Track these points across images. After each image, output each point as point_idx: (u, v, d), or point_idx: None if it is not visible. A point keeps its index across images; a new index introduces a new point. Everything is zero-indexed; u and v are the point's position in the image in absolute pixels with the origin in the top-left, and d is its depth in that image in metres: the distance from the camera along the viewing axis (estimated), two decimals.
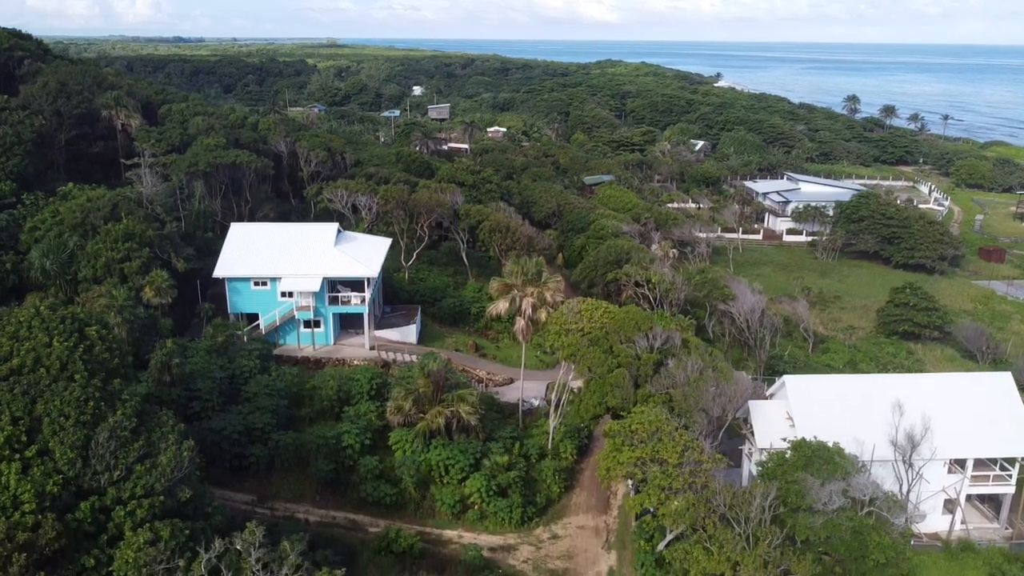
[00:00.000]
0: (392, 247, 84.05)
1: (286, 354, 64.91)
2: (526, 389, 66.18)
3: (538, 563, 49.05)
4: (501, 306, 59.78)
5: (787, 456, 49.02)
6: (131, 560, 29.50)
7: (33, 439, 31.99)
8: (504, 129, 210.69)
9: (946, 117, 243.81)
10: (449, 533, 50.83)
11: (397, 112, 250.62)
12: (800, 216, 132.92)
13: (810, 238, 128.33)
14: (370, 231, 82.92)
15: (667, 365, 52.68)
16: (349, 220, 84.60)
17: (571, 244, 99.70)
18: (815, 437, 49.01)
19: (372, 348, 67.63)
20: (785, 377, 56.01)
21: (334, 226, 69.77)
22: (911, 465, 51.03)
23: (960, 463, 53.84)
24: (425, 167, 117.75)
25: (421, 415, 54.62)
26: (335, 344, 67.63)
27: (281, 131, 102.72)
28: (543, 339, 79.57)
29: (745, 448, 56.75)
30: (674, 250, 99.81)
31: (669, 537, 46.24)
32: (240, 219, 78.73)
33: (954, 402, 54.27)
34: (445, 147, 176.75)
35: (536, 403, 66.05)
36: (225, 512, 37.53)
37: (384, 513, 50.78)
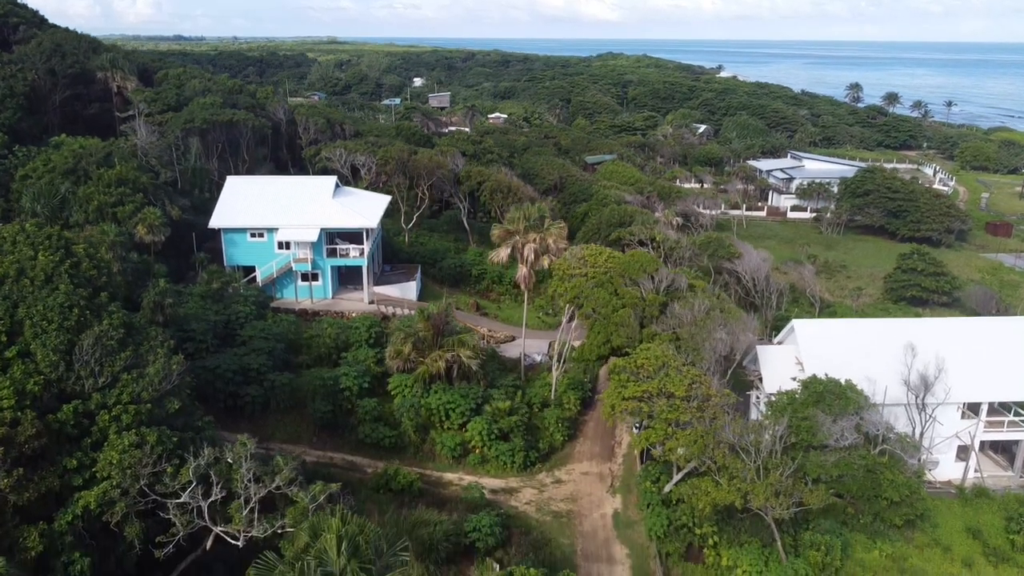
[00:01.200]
0: (392, 212, 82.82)
1: (283, 307, 63.44)
2: (528, 347, 64.79)
3: (541, 505, 47.65)
4: (503, 253, 58.37)
5: (797, 395, 47.65)
6: (115, 461, 28.11)
7: (13, 341, 30.61)
8: (505, 115, 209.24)
9: (949, 104, 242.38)
10: (449, 476, 49.44)
11: (398, 100, 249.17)
12: (804, 193, 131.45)
13: (814, 214, 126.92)
14: None
15: (673, 307, 51.31)
16: (348, 181, 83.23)
17: (574, 213, 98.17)
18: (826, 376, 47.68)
19: (371, 303, 66.22)
20: (794, 321, 54.60)
21: (332, 179, 68.40)
22: (924, 407, 49.58)
23: (974, 408, 52.41)
24: (425, 140, 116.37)
25: (421, 360, 53.24)
26: (333, 298, 66.23)
27: (280, 100, 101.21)
28: (547, 289, 78.79)
29: (752, 395, 55.33)
30: (678, 218, 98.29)
31: (677, 477, 44.84)
32: None
33: (969, 346, 52.82)
34: (446, 131, 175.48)
35: (539, 358, 64.65)
36: (215, 428, 36.07)
37: (382, 455, 49.38)
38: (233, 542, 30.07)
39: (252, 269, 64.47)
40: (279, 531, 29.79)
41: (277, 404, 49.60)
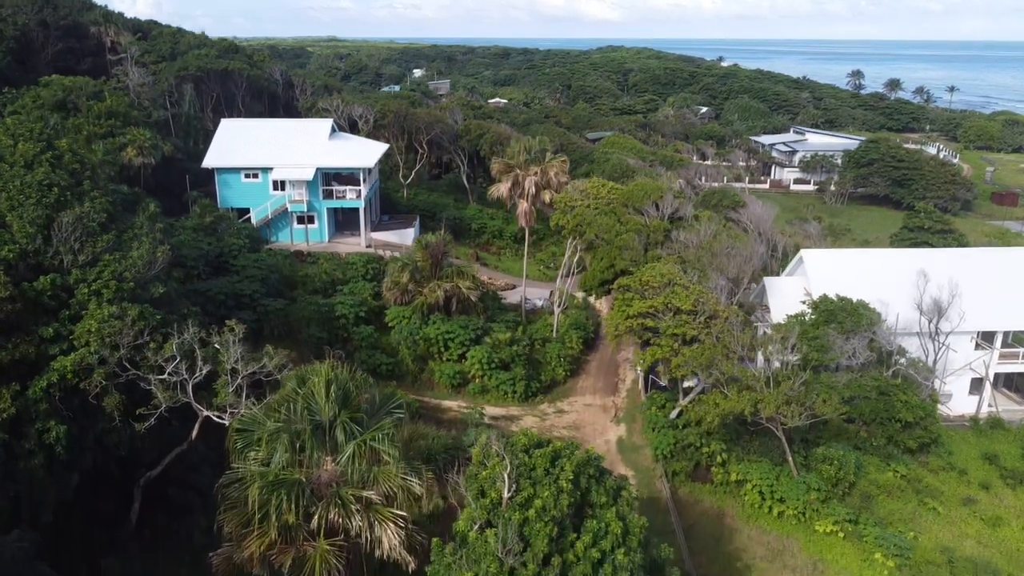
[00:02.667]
0: (391, 173, 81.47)
1: (278, 249, 61.92)
2: (529, 294, 63.36)
3: (543, 431, 45.87)
4: (503, 187, 56.96)
5: (806, 317, 46.17)
6: (93, 329, 26.60)
7: None
8: (505, 100, 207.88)
9: (952, 89, 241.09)
10: (448, 403, 47.96)
11: (397, 87, 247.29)
12: (807, 165, 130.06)
13: (817, 187, 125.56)
14: None
15: (678, 234, 49.87)
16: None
17: (575, 174, 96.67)
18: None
19: (368, 247, 64.71)
20: (802, 251, 53.10)
21: (328, 121, 66.99)
22: (937, 334, 48.07)
23: (988, 338, 50.93)
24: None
25: (419, 291, 51.78)
26: (330, 242, 64.71)
27: (276, 62, 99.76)
28: (548, 246, 77.43)
29: (759, 330, 53.78)
30: (681, 180, 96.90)
31: (684, 401, 43.37)
32: None
33: (983, 275, 51.35)
34: None
35: (540, 303, 63.19)
36: (200, 317, 34.50)
37: (379, 382, 47.77)
38: (219, 420, 28.52)
39: (246, 211, 62.93)
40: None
41: (271, 331, 47.94)
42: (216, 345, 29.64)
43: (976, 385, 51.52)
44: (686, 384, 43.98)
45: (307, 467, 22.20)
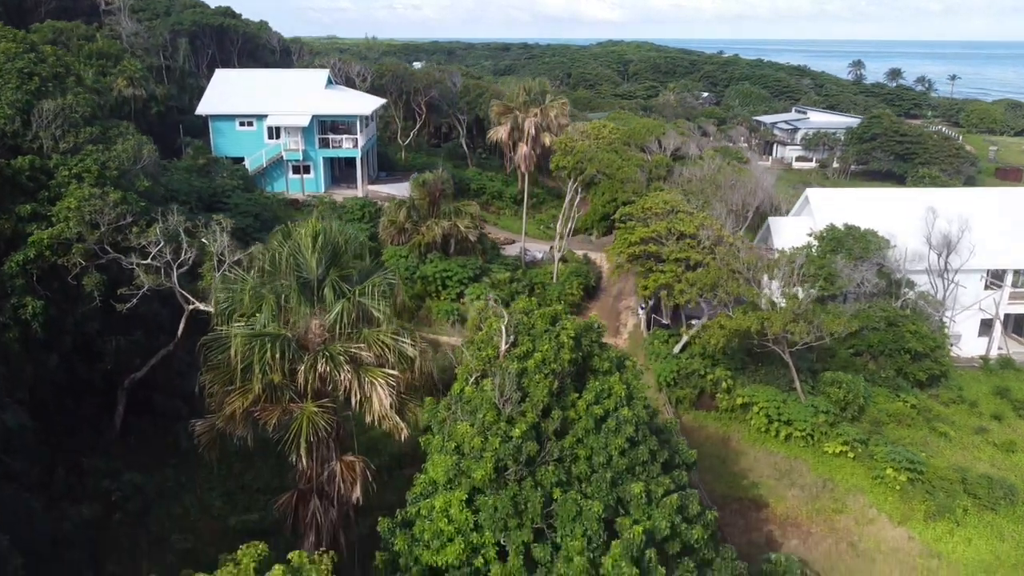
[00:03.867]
0: (390, 141, 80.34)
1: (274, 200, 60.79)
2: (528, 248, 62.19)
3: None
4: (502, 131, 55.91)
5: (813, 250, 44.96)
6: (73, 207, 25.43)
7: None
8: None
9: (953, 77, 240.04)
10: (446, 339, 46.75)
11: None
12: (810, 143, 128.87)
13: (819, 164, 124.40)
14: None
15: (681, 170, 48.74)
16: None
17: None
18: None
19: (365, 197, 63.53)
20: (808, 191, 51.97)
21: (325, 71, 65.89)
22: (946, 270, 46.90)
23: (999, 277, 49.77)
24: None
25: (416, 231, 50.66)
26: (326, 192, 63.54)
27: (274, 33, 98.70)
28: (548, 209, 76.22)
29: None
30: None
31: (688, 333, 42.25)
32: None
33: (993, 213, 50.22)
34: None
35: (539, 256, 62.00)
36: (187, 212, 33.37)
37: None
38: (206, 311, 27.35)
39: (240, 160, 61.74)
40: None
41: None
42: (204, 240, 28.57)
43: (986, 327, 50.36)
44: (691, 321, 42.90)
45: (293, 325, 21.07)
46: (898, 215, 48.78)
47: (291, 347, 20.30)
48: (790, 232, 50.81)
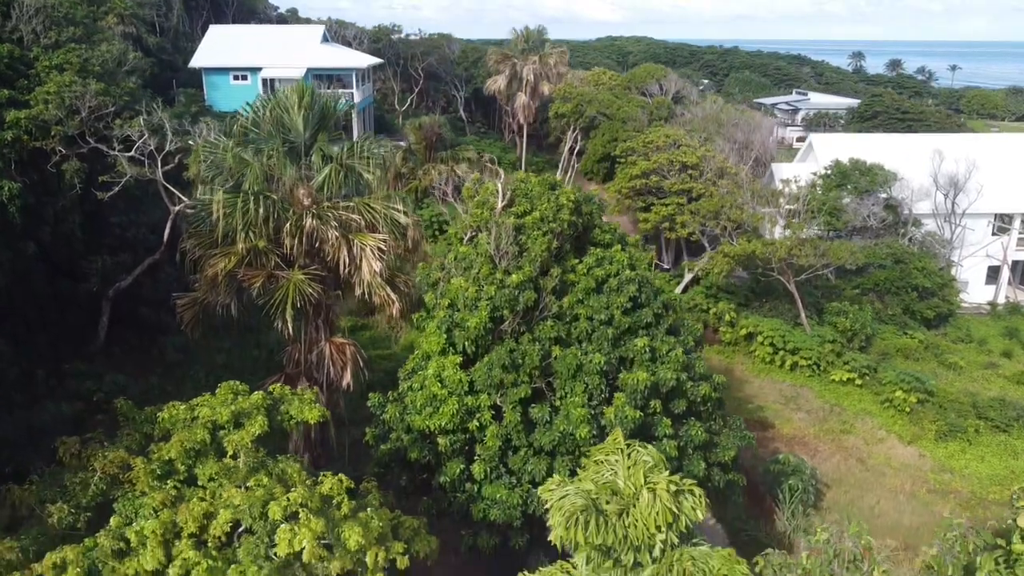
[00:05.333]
0: (388, 114, 79.33)
1: None
2: None
3: None
4: (500, 80, 54.93)
5: (817, 188, 44.03)
6: (52, 91, 24.43)
7: None
8: None
9: (953, 67, 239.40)
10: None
11: None
12: (811, 123, 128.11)
13: None
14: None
15: (683, 113, 47.82)
16: None
17: None
18: None
19: None
20: (812, 136, 51.06)
21: (320, 27, 64.99)
22: (953, 212, 45.95)
23: (1007, 222, 48.79)
24: None
25: (413, 176, 49.67)
26: None
27: (271, 7, 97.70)
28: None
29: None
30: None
31: (691, 274, 41.26)
32: None
33: (1001, 157, 49.26)
34: None
35: None
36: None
37: None
38: (191, 211, 26.33)
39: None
40: None
41: None
42: (191, 142, 27.58)
43: (993, 273, 49.38)
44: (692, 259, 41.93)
45: (279, 188, 20.11)
46: (904, 157, 47.81)
47: (276, 207, 19.33)
48: (793, 176, 49.90)
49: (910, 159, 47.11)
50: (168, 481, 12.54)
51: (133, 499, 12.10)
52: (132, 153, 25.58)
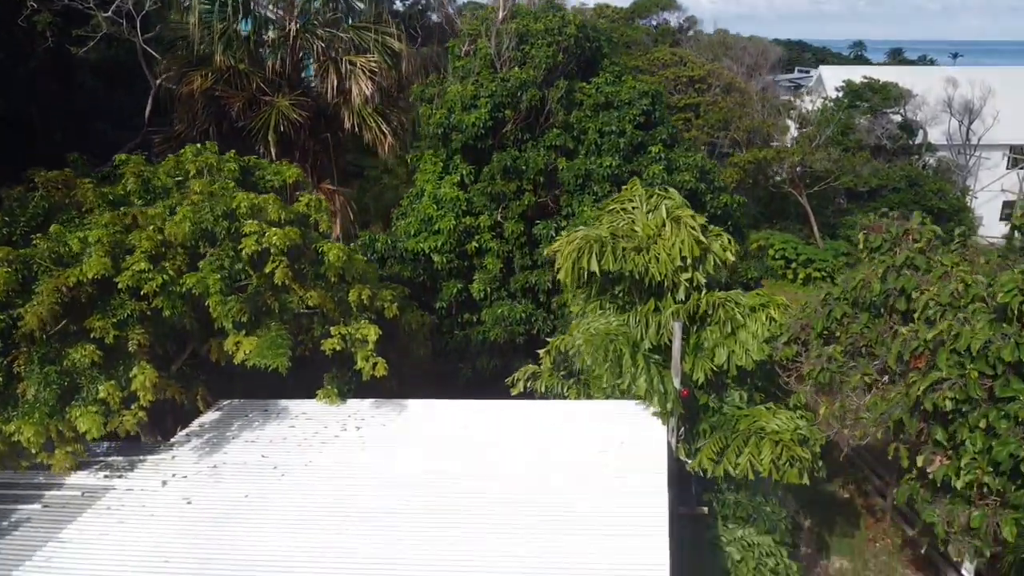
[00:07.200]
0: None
1: None
2: None
3: None
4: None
5: (827, 106, 42.46)
6: None
7: None
8: None
9: (955, 56, 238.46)
10: None
11: None
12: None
13: None
14: None
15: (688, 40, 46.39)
16: None
17: None
18: None
19: None
20: (821, 68, 49.65)
21: None
22: (967, 143, 44.50)
23: (1021, 153, 47.32)
24: None
25: None
26: None
27: None
28: None
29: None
30: None
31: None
32: None
33: (1018, 89, 47.76)
34: None
35: None
36: None
37: None
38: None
39: None
40: None
41: None
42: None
43: (1008, 208, 47.89)
44: None
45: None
46: (917, 84, 46.52)
47: (258, 18, 17.84)
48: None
49: (923, 85, 45.75)
50: (122, 208, 11.04)
51: (80, 220, 10.61)
52: (109, 14, 23.98)
